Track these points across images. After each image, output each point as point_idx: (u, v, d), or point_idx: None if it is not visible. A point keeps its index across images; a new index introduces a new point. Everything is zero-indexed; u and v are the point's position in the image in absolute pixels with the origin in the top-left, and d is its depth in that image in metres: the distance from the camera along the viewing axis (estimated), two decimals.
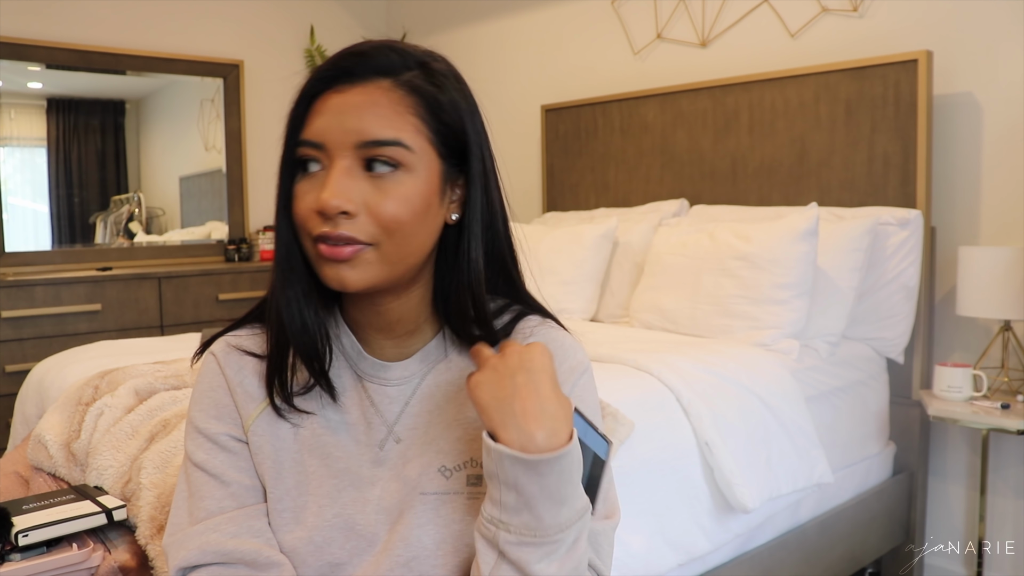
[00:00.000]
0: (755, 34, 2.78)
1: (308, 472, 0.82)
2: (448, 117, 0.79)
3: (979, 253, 2.15)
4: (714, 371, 1.84)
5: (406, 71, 0.77)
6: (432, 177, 0.78)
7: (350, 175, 0.74)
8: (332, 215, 0.73)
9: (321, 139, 0.75)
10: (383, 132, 0.74)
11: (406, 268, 0.79)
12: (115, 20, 3.36)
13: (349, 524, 0.80)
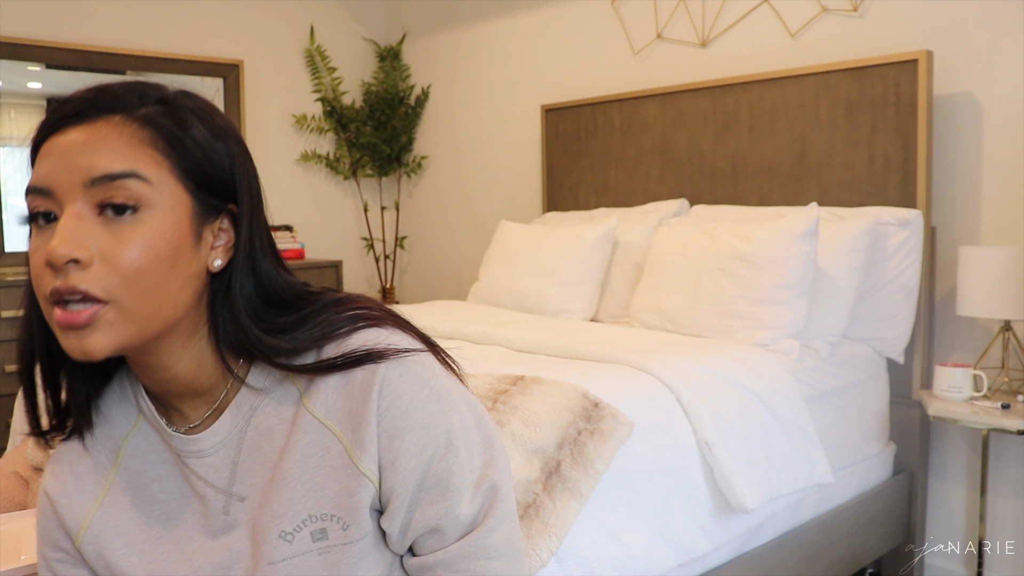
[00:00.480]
0: (755, 34, 2.78)
1: (160, 561, 0.78)
2: (195, 151, 0.71)
3: (979, 253, 2.15)
4: (714, 371, 1.84)
5: (142, 107, 0.70)
6: (179, 216, 0.69)
7: (81, 220, 0.66)
8: (60, 265, 0.65)
9: (46, 184, 0.67)
10: (114, 165, 0.66)
11: (161, 324, 0.70)
12: (115, 20, 3.36)
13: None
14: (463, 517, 0.76)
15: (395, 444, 0.73)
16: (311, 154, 3.93)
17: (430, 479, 0.75)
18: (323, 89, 3.93)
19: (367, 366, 0.74)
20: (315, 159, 3.94)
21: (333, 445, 0.74)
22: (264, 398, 0.77)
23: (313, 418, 0.75)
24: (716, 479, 1.70)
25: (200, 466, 0.78)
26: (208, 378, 0.76)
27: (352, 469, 0.74)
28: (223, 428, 0.77)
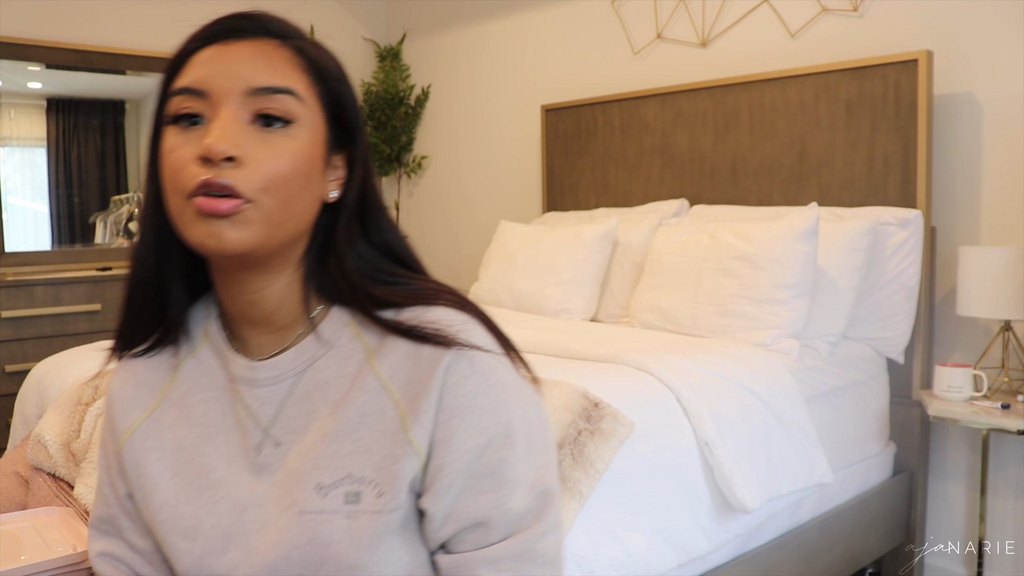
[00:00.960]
0: (755, 34, 2.78)
1: (187, 482, 0.80)
2: (336, 86, 0.76)
3: (979, 253, 2.15)
4: (714, 371, 1.84)
5: (294, 37, 0.76)
6: (318, 139, 0.75)
7: (238, 124, 0.70)
8: (217, 160, 0.68)
9: (204, 86, 0.70)
10: (275, 79, 0.71)
11: (285, 236, 0.74)
12: (115, 20, 3.36)
13: (226, 535, 0.77)
14: (513, 514, 0.74)
15: (453, 422, 0.73)
16: None
17: (483, 467, 0.73)
18: None
19: (441, 344, 0.74)
20: None
21: (390, 410, 0.75)
22: (328, 351, 0.79)
23: (376, 379, 0.76)
24: (716, 479, 1.70)
25: (250, 395, 0.80)
26: (286, 314, 0.79)
27: (401, 436, 0.74)
28: (282, 364, 0.79)
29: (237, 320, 0.81)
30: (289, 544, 0.74)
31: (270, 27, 0.74)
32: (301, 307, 0.79)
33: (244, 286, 0.77)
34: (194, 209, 0.69)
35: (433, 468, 0.74)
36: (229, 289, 0.79)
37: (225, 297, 0.80)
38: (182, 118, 0.71)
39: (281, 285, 0.78)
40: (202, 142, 0.69)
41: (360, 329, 0.79)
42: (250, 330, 0.80)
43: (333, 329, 0.79)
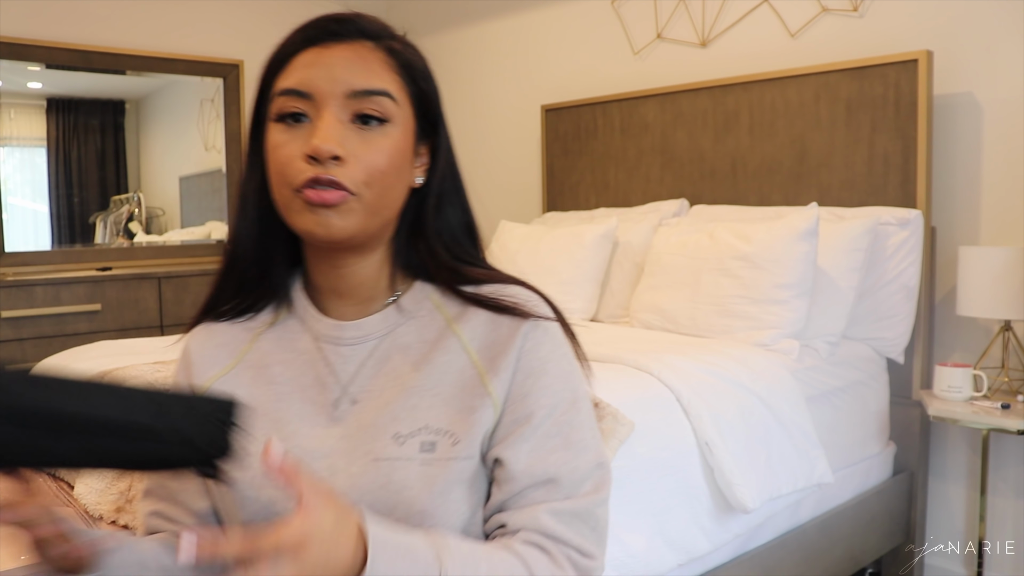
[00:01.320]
0: (755, 34, 2.78)
1: (259, 435, 0.82)
2: (423, 83, 0.83)
3: (979, 253, 2.15)
4: (714, 371, 1.84)
5: (386, 37, 0.82)
6: (408, 134, 0.82)
7: (341, 124, 0.77)
8: (324, 159, 0.75)
9: (308, 88, 0.77)
10: (373, 82, 0.78)
11: (381, 222, 0.81)
12: (115, 20, 3.36)
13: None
14: (578, 475, 0.80)
15: (528, 381, 0.81)
16: None
17: (553, 426, 0.80)
18: None
19: (519, 315, 0.83)
20: None
21: (468, 368, 0.82)
22: (410, 320, 0.86)
23: (458, 341, 0.83)
24: (716, 479, 1.70)
25: (333, 353, 0.85)
26: (372, 288, 0.86)
27: (480, 389, 0.80)
28: (367, 326, 0.85)
29: (324, 291, 0.87)
30: (361, 489, 0.78)
31: (365, 28, 0.81)
32: (387, 282, 0.87)
33: (337, 263, 0.84)
34: (302, 200, 0.76)
35: (508, 422, 0.80)
36: (321, 264, 0.85)
37: (315, 271, 0.87)
38: (287, 116, 0.78)
39: (370, 262, 0.85)
40: (309, 142, 0.76)
41: (440, 302, 0.87)
42: (336, 301, 0.87)
43: (415, 301, 0.87)
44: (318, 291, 0.88)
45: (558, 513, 0.78)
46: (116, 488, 1.46)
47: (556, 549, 0.77)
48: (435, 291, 0.87)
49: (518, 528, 0.78)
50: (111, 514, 1.43)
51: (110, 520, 1.43)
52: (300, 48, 0.80)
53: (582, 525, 0.79)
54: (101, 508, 1.44)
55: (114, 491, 1.46)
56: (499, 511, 0.81)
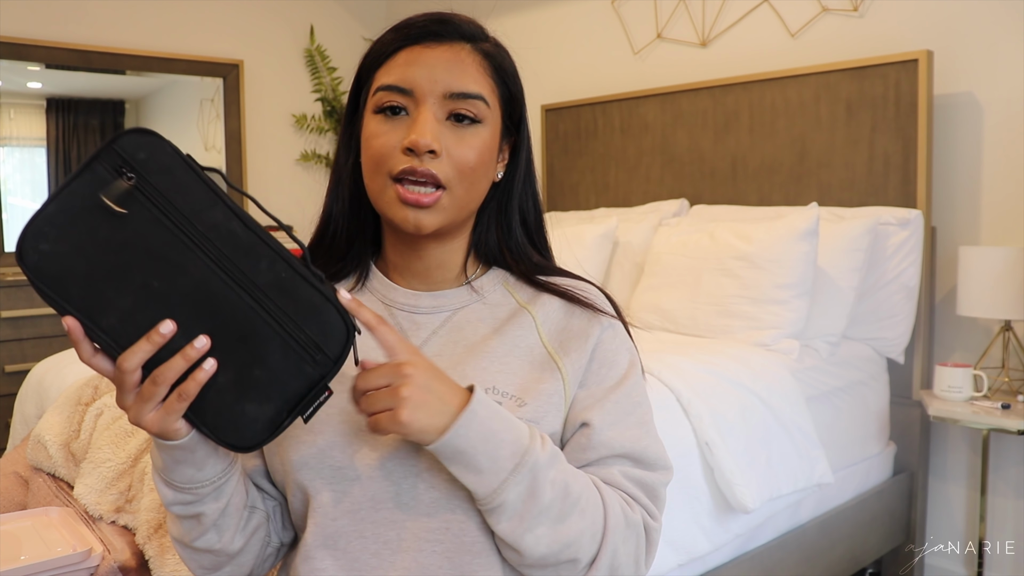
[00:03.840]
0: (755, 34, 2.78)
1: None
2: (511, 85, 0.89)
3: (979, 253, 2.15)
4: (714, 371, 1.84)
5: (482, 40, 0.87)
6: (495, 134, 0.87)
7: (438, 122, 0.82)
8: (421, 152, 0.80)
9: (409, 85, 0.82)
10: (470, 86, 0.83)
11: (467, 215, 0.87)
12: (115, 20, 3.36)
13: (354, 429, 0.83)
14: (651, 453, 0.87)
15: (604, 369, 0.88)
16: (311, 154, 3.93)
17: (627, 404, 0.87)
18: (323, 89, 3.93)
19: (593, 309, 0.89)
20: (315, 159, 3.94)
21: (537, 348, 0.87)
22: (481, 299, 0.91)
23: (531, 320, 0.89)
24: (716, 479, 1.70)
25: (406, 320, 0.90)
26: (447, 271, 0.91)
27: (549, 363, 0.86)
28: (442, 298, 0.90)
29: (399, 269, 0.92)
30: (426, 452, 0.80)
31: (463, 31, 0.85)
32: (460, 267, 0.92)
33: (417, 246, 0.89)
34: (397, 193, 0.81)
35: (587, 401, 0.86)
36: (400, 246, 0.90)
37: (393, 251, 0.91)
38: (386, 109, 0.83)
39: (449, 249, 0.90)
40: (408, 135, 0.81)
41: (513, 288, 0.92)
42: (409, 279, 0.91)
43: (489, 285, 0.92)
44: (393, 268, 0.92)
45: (631, 478, 0.85)
46: (116, 488, 1.46)
47: (629, 499, 0.85)
48: (509, 277, 0.93)
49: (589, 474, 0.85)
50: (111, 514, 1.43)
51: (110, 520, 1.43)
52: (402, 45, 0.84)
53: (651, 493, 0.87)
54: (101, 508, 1.44)
55: (114, 491, 1.46)
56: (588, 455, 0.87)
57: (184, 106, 3.66)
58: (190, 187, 0.67)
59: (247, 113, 3.72)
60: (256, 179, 3.79)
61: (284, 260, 0.69)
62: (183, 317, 0.67)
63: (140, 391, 0.68)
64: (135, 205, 0.66)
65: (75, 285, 0.66)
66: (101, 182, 0.65)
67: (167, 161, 0.66)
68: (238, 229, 0.68)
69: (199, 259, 0.67)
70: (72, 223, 0.65)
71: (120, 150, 0.66)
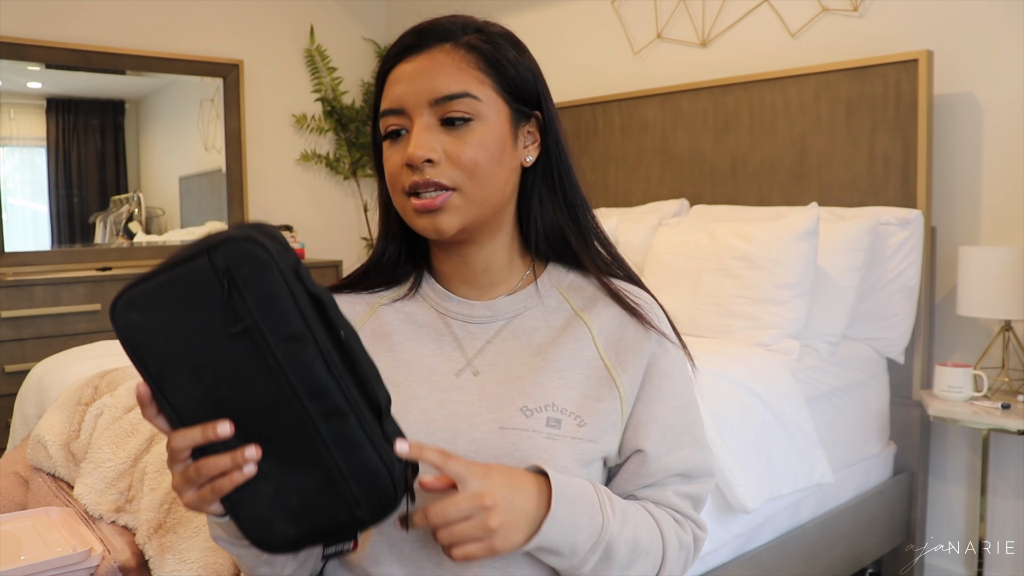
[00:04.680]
0: (755, 34, 2.78)
1: None
2: (508, 70, 0.87)
3: (979, 253, 2.15)
4: (714, 371, 1.84)
5: (464, 35, 0.86)
6: (502, 121, 0.86)
7: (429, 130, 0.83)
8: (418, 164, 0.82)
9: (399, 104, 0.84)
10: (451, 87, 0.83)
11: (491, 209, 0.86)
12: (115, 20, 3.36)
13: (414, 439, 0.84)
14: (703, 468, 0.91)
15: (663, 384, 0.89)
16: (311, 154, 3.93)
17: (684, 426, 0.90)
18: (323, 89, 3.93)
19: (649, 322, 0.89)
20: (315, 159, 3.94)
21: (595, 360, 0.88)
22: (538, 304, 0.91)
23: (587, 331, 0.89)
24: (716, 479, 1.70)
25: (461, 329, 0.90)
26: (497, 273, 0.91)
27: (607, 381, 0.87)
28: (497, 307, 0.91)
29: (448, 277, 0.93)
30: (485, 454, 0.82)
31: (439, 33, 0.86)
32: (508, 267, 0.92)
33: (458, 251, 0.90)
34: (412, 206, 0.84)
35: (645, 420, 0.87)
36: (442, 253, 0.92)
37: (439, 260, 0.93)
38: (391, 134, 0.86)
39: (492, 249, 0.90)
40: (406, 151, 0.83)
41: (567, 292, 0.92)
42: (459, 285, 0.92)
43: (545, 287, 0.92)
44: (443, 276, 0.93)
45: (683, 496, 0.90)
46: (116, 488, 1.46)
47: (681, 518, 0.89)
48: (567, 275, 0.93)
49: (648, 500, 0.89)
50: (110, 514, 1.43)
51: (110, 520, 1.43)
52: (389, 67, 0.87)
53: (699, 504, 0.92)
54: (101, 508, 1.44)
55: (114, 491, 1.46)
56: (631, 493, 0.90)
57: (184, 106, 3.66)
58: (287, 316, 0.65)
59: (247, 113, 3.72)
60: (256, 179, 3.79)
61: (356, 417, 0.67)
62: (242, 424, 0.67)
63: (185, 470, 0.69)
64: (227, 314, 0.65)
65: (153, 359, 0.66)
66: (200, 279, 0.65)
67: (271, 285, 0.65)
68: (320, 372, 0.66)
69: (272, 386, 0.66)
70: (163, 306, 0.65)
71: (228, 256, 0.64)
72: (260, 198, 3.80)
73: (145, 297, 0.65)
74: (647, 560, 0.84)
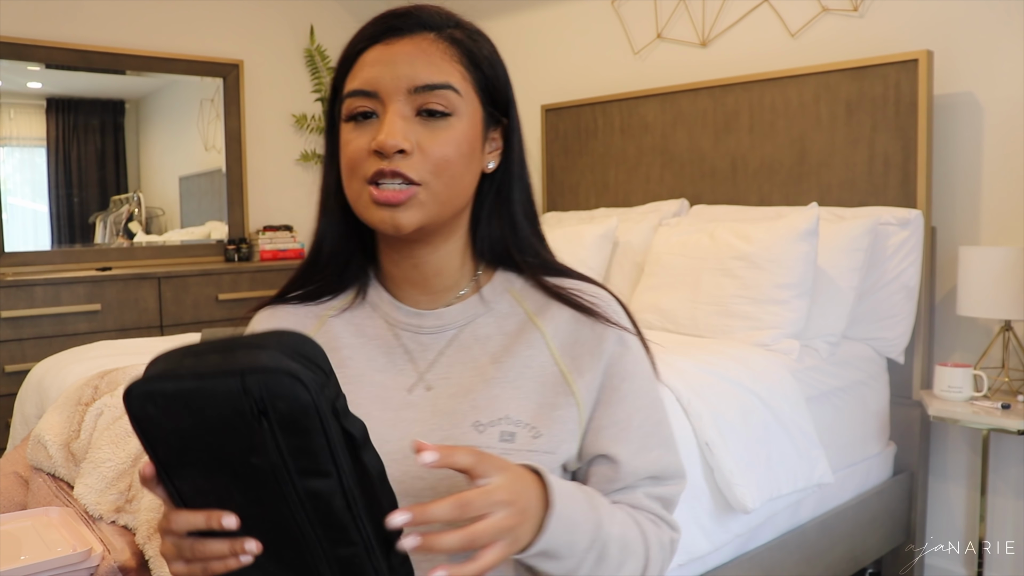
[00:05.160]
0: (755, 34, 2.78)
1: None
2: (487, 69, 0.84)
3: (979, 253, 2.15)
4: (714, 371, 1.84)
5: (447, 27, 0.82)
6: (475, 122, 0.82)
7: (404, 119, 0.78)
8: (390, 153, 0.77)
9: (373, 87, 0.79)
10: (434, 77, 0.79)
11: (452, 211, 0.82)
12: (115, 20, 3.36)
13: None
14: (673, 469, 0.87)
15: (624, 385, 0.85)
16: (311, 154, 3.93)
17: (650, 427, 0.86)
18: (323, 89, 3.93)
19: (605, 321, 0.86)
20: (315, 159, 3.94)
21: (550, 366, 0.84)
22: (489, 311, 0.87)
23: (541, 337, 0.85)
24: (716, 479, 1.70)
25: (412, 341, 0.87)
26: (446, 278, 0.87)
27: (563, 386, 0.83)
28: (447, 316, 0.87)
29: (397, 281, 0.88)
30: (439, 473, 0.77)
31: (426, 21, 0.81)
32: (464, 271, 0.88)
33: (410, 253, 0.85)
34: (370, 195, 0.78)
35: (606, 424, 0.84)
36: (394, 254, 0.87)
37: (389, 261, 0.88)
38: (356, 115, 0.80)
39: (445, 252, 0.86)
40: (376, 137, 0.77)
41: (521, 294, 0.88)
42: (409, 290, 0.88)
43: (496, 292, 0.88)
44: (392, 280, 0.89)
45: (654, 498, 0.86)
46: (116, 488, 1.46)
47: (656, 519, 0.86)
48: (517, 280, 0.89)
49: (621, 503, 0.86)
50: (111, 514, 1.43)
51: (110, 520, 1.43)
52: (365, 46, 0.81)
53: (670, 506, 0.88)
54: (101, 508, 1.44)
55: (114, 491, 1.46)
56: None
57: (184, 106, 3.66)
58: (316, 456, 0.62)
59: (247, 113, 3.72)
60: (256, 179, 3.79)
61: (365, 548, 0.65)
62: (248, 523, 0.64)
63: (180, 543, 0.66)
64: (253, 442, 0.61)
65: (164, 450, 0.63)
66: (229, 400, 0.59)
67: (306, 428, 0.60)
68: (338, 507, 0.63)
69: (285, 508, 0.63)
70: (184, 411, 0.60)
71: (264, 388, 0.59)
72: (260, 198, 3.80)
73: (164, 397, 0.61)
74: (634, 560, 0.80)
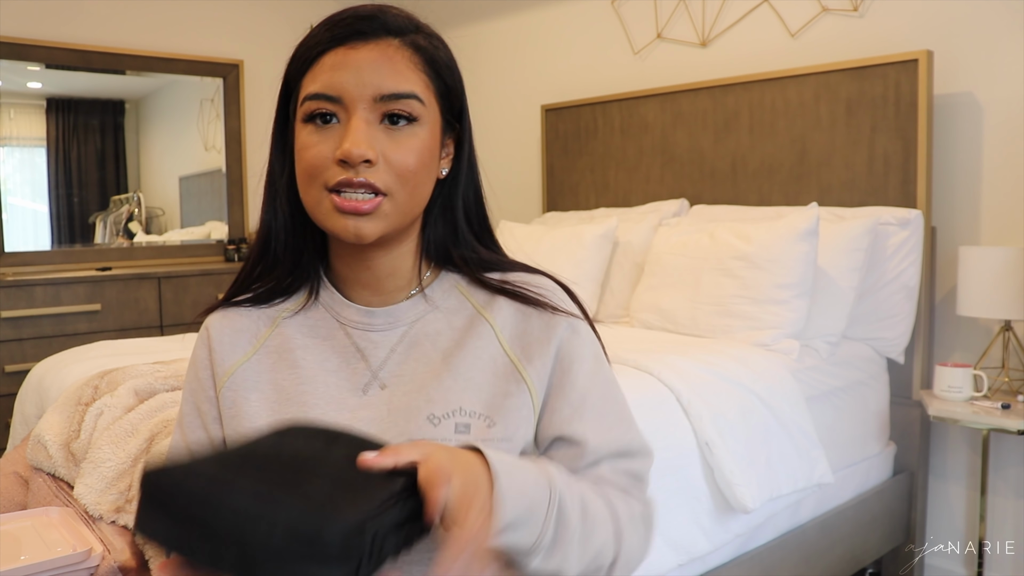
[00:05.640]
0: (755, 34, 2.78)
1: (284, 418, 0.83)
2: (446, 76, 0.84)
3: (979, 253, 2.15)
4: (714, 371, 1.84)
5: (410, 32, 0.81)
6: (435, 130, 0.82)
7: (370, 127, 0.77)
8: (356, 163, 0.76)
9: (338, 92, 0.78)
10: (400, 86, 0.78)
11: (411, 218, 0.82)
12: (115, 20, 3.36)
13: None
14: (637, 444, 0.87)
15: (574, 367, 0.85)
16: None
17: (604, 404, 0.86)
18: None
19: (550, 308, 0.85)
20: None
21: (500, 356, 0.84)
22: (436, 308, 0.87)
23: (490, 328, 0.85)
24: (716, 479, 1.70)
25: (363, 339, 0.86)
26: (398, 279, 0.87)
27: (514, 375, 0.83)
28: (397, 313, 0.86)
29: (348, 281, 0.88)
30: None
31: (390, 25, 0.80)
32: (412, 272, 0.88)
33: (363, 256, 0.85)
34: (333, 203, 0.77)
35: (561, 406, 0.84)
36: (347, 257, 0.86)
37: (341, 263, 0.88)
38: (316, 117, 0.79)
39: (397, 255, 0.86)
40: (341, 145, 0.76)
41: (468, 292, 0.88)
42: (360, 290, 0.87)
43: (443, 291, 0.88)
44: (343, 281, 0.88)
45: (621, 471, 0.85)
46: (116, 488, 1.46)
47: (623, 493, 0.85)
48: (461, 280, 0.89)
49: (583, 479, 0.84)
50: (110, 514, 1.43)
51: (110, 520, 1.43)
52: (327, 48, 0.80)
53: (640, 480, 0.88)
54: (101, 508, 1.44)
55: (114, 491, 1.46)
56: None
57: (184, 106, 3.66)
58: None
59: (247, 113, 3.72)
60: (256, 179, 3.78)
61: None
62: None
63: None
64: None
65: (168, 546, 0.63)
66: None
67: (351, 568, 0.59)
68: None
69: None
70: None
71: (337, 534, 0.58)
72: (260, 198, 3.78)
73: None
74: (603, 528, 0.77)
